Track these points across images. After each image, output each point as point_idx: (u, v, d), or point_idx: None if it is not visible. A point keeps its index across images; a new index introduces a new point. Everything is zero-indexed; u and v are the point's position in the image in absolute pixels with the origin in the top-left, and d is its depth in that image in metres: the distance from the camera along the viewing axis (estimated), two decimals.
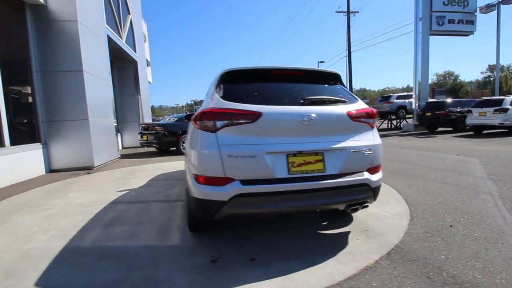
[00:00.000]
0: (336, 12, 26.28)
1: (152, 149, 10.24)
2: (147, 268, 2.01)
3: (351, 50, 26.87)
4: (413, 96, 14.54)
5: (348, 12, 26.09)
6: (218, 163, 1.91)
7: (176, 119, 9.26)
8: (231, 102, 2.03)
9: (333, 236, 2.47)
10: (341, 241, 2.34)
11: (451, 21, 15.19)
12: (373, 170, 2.19)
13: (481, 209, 2.96)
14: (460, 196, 3.43)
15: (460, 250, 2.12)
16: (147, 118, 12.27)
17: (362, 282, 1.76)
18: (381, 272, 1.87)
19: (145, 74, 12.06)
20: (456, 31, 15.51)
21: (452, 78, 67.89)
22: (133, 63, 11.04)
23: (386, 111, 15.63)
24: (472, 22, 15.69)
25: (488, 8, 13.73)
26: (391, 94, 17.76)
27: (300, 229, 2.64)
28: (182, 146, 8.64)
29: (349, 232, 2.53)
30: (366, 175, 2.13)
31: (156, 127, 8.56)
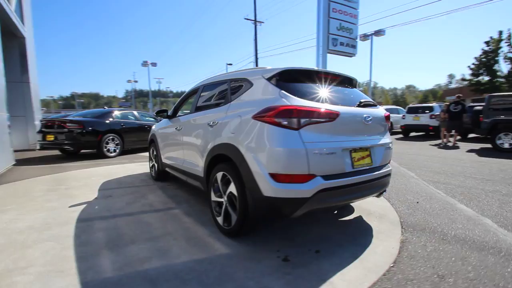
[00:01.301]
0: (244, 19, 27.73)
1: (53, 152, 8.10)
2: (226, 281, 1.80)
3: (263, 56, 28.86)
4: None
5: (255, 21, 28.02)
6: (304, 160, 1.93)
7: (96, 115, 7.67)
8: (308, 101, 2.08)
9: (354, 222, 2.85)
10: (365, 225, 2.75)
11: (342, 44, 18.44)
12: (389, 161, 2.70)
13: (419, 187, 4.03)
14: (401, 181, 4.52)
15: (431, 213, 2.90)
16: (39, 113, 9.52)
17: (413, 250, 2.19)
18: (413, 240, 2.36)
19: (34, 57, 9.30)
20: (345, 52, 18.95)
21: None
22: (21, 40, 8.33)
23: None
24: (355, 47, 19.53)
25: (365, 37, 18.13)
26: None
27: (322, 220, 2.89)
28: (106, 147, 7.29)
29: (360, 216, 2.97)
30: (389, 165, 2.61)
31: (68, 124, 6.85)
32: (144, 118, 8.92)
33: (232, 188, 2.30)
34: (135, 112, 8.75)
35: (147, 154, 8.07)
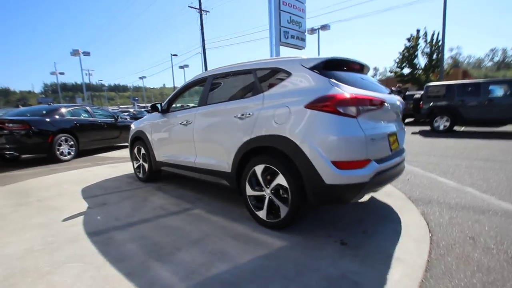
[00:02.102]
0: (189, 7, 26.38)
1: None
2: (307, 271, 1.81)
3: (211, 47, 28.00)
4: None
5: (200, 10, 26.95)
6: (364, 146, 2.03)
7: (42, 112, 6.47)
8: (358, 89, 2.15)
9: (373, 203, 3.09)
10: (383, 203, 3.02)
11: (292, 36, 19.10)
12: None
13: None
14: None
15: (426, 187, 3.36)
16: None
17: (436, 220, 2.52)
18: (429, 211, 2.71)
19: None
20: (295, 45, 19.71)
21: None
22: None
23: None
24: (304, 40, 20.46)
25: (312, 31, 19.20)
26: None
27: (342, 206, 3.06)
28: (59, 150, 6.27)
29: (373, 197, 3.25)
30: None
31: (9, 124, 5.65)
32: (100, 114, 7.91)
33: (280, 180, 2.27)
34: (89, 108, 7.67)
35: (107, 154, 7.31)
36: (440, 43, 22.63)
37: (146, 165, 4.13)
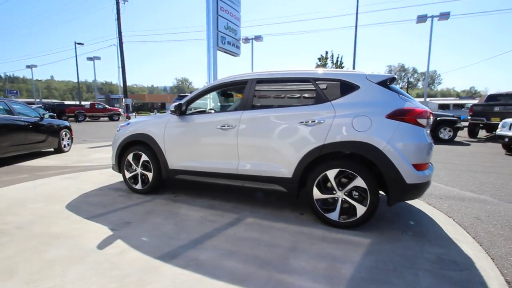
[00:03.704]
0: None
1: None
2: (409, 266, 2.10)
3: (130, 41, 25.22)
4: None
5: None
6: (429, 151, 2.49)
7: None
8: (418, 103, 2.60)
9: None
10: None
11: (229, 43, 19.51)
12: None
13: None
14: None
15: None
16: None
17: (457, 211, 3.25)
18: (445, 205, 3.46)
19: None
20: (232, 51, 20.20)
21: (188, 83, 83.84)
22: None
23: None
24: (239, 47, 21.10)
25: (246, 40, 19.90)
26: (187, 94, 19.50)
27: None
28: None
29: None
30: None
31: None
32: (21, 111, 6.11)
33: (358, 182, 2.49)
34: (7, 102, 5.81)
35: (34, 163, 5.74)
36: (343, 64, 27.45)
37: (149, 174, 3.56)
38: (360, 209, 2.53)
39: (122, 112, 26.28)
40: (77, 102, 31.84)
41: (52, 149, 7.13)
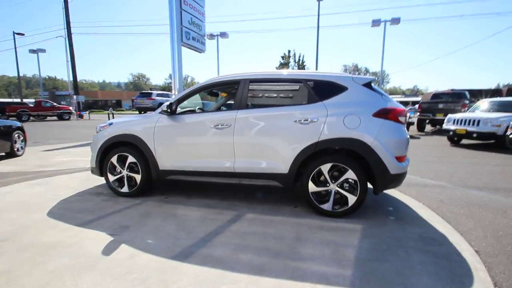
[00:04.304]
0: None
1: None
2: (399, 245, 2.42)
3: (78, 32, 23.25)
4: (173, 94, 16.86)
5: None
6: (407, 145, 2.86)
7: None
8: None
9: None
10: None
11: (194, 38, 19.15)
12: None
13: None
14: None
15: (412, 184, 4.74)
16: None
17: (447, 209, 3.73)
18: (434, 203, 3.93)
19: None
20: (197, 47, 19.86)
21: (145, 79, 79.44)
22: None
23: (149, 107, 16.35)
24: (204, 44, 20.81)
25: (211, 36, 19.57)
26: (151, 91, 18.49)
27: None
28: None
29: None
30: None
31: None
32: None
33: (349, 175, 2.76)
34: None
35: None
36: (305, 63, 28.56)
37: (137, 177, 3.44)
38: (351, 199, 2.80)
39: (74, 111, 24.04)
40: (19, 100, 28.20)
41: (3, 154, 6.36)
